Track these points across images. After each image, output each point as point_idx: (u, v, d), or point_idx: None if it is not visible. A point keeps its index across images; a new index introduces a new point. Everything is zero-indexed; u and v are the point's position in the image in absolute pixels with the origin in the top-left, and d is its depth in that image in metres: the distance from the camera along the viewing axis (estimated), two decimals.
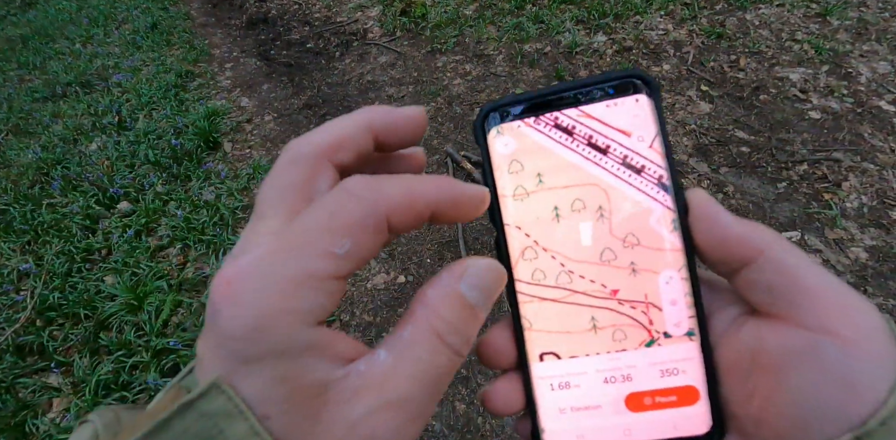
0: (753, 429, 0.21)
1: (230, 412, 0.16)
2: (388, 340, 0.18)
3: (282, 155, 0.20)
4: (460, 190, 0.20)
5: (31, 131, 3.26)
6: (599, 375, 0.23)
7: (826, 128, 2.23)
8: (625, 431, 0.23)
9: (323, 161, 0.20)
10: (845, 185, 2.02)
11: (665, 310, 0.22)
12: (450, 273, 0.20)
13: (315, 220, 0.17)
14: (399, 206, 0.18)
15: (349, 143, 0.20)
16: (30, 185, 2.77)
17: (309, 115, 2.93)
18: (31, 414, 1.79)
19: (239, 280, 0.16)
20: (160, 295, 2.05)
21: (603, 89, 0.23)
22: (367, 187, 0.18)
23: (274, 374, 0.16)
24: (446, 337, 0.18)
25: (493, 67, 2.88)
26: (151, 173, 2.64)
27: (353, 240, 0.17)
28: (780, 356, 0.20)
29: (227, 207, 2.36)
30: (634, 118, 0.23)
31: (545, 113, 0.24)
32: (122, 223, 2.40)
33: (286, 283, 0.16)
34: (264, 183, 0.20)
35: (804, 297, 0.20)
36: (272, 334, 0.16)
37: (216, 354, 0.16)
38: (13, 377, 1.89)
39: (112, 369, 1.82)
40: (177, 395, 0.17)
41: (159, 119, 3.07)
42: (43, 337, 1.98)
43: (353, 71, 3.18)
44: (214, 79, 3.48)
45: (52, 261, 2.24)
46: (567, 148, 0.23)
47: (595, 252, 0.23)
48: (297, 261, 0.16)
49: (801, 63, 2.55)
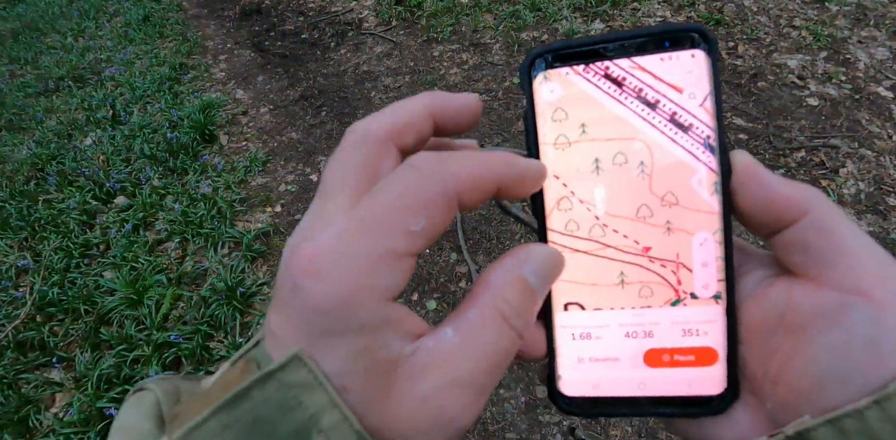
0: (770, 389, 0.21)
1: (310, 384, 0.16)
2: (453, 319, 0.19)
3: (347, 136, 0.20)
4: (524, 165, 0.20)
5: (25, 127, 3.23)
6: (621, 329, 0.23)
7: (824, 114, 2.23)
8: (639, 385, 0.23)
9: (388, 143, 0.20)
10: (843, 171, 2.02)
11: (695, 272, 0.22)
12: (513, 258, 0.20)
13: (390, 197, 0.17)
14: (468, 182, 0.18)
15: (412, 126, 0.21)
16: (25, 181, 2.75)
17: (305, 106, 2.91)
18: (34, 409, 1.80)
19: (321, 256, 0.16)
20: (160, 289, 2.05)
21: (659, 41, 0.22)
22: (437, 164, 0.18)
23: (354, 348, 0.16)
24: (511, 319, 0.19)
25: (490, 56, 2.86)
26: (148, 167, 2.63)
27: (428, 218, 0.17)
28: (809, 315, 0.20)
29: (225, 200, 2.35)
30: (688, 74, 0.22)
31: (595, 62, 0.23)
32: (119, 218, 2.39)
33: (367, 260, 0.16)
34: (329, 163, 0.20)
35: (842, 258, 0.19)
36: (356, 309, 0.16)
37: (296, 328, 0.17)
38: (15, 373, 1.89)
39: (114, 363, 1.83)
40: (246, 367, 0.17)
41: (154, 112, 3.05)
42: (43, 332, 1.98)
43: (348, 61, 3.15)
44: (209, 71, 3.45)
45: (51, 257, 2.24)
46: (615, 99, 0.23)
47: (632, 208, 0.23)
48: (377, 239, 0.17)
49: (799, 49, 2.53)
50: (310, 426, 0.16)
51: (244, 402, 0.16)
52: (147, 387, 0.21)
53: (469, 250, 2.02)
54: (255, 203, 2.40)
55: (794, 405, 0.20)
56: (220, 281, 2.00)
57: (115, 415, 0.20)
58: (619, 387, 0.23)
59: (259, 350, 0.18)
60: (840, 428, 0.18)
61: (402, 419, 0.17)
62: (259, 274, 2.11)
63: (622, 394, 0.23)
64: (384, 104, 2.73)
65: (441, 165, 0.18)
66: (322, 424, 0.16)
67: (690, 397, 0.22)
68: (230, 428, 0.16)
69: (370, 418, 0.17)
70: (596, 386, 0.23)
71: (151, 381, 0.21)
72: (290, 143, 2.70)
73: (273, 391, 0.16)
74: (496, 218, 2.14)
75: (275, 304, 0.18)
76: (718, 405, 0.22)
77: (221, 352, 1.84)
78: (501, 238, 2.06)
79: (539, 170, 0.21)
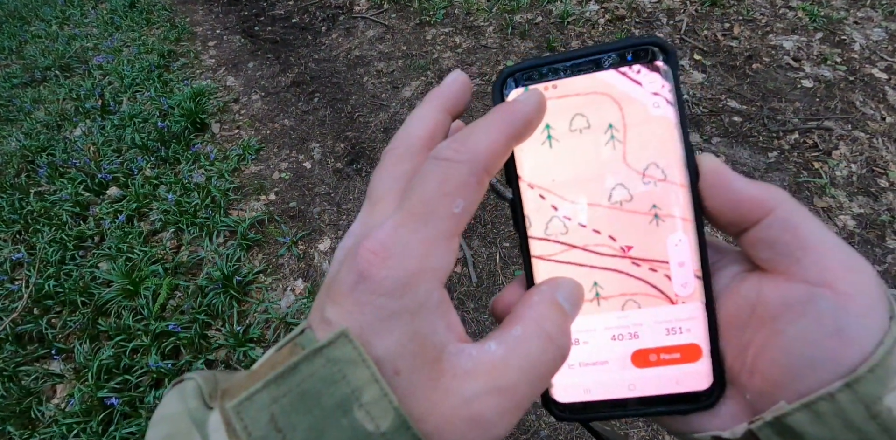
0: (747, 380, 0.22)
1: (354, 359, 0.17)
2: (496, 335, 0.20)
3: (388, 153, 0.23)
4: (522, 109, 0.21)
5: (13, 118, 3.18)
6: (608, 332, 0.24)
7: (818, 96, 2.22)
8: (630, 386, 0.23)
9: (425, 152, 0.22)
10: (835, 153, 2.02)
11: (674, 271, 0.23)
12: (548, 286, 0.22)
13: (429, 189, 0.19)
14: (489, 155, 0.20)
15: (438, 129, 0.23)
16: (16, 173, 2.72)
17: (297, 92, 2.87)
18: (36, 400, 1.81)
19: (383, 246, 0.18)
20: (156, 279, 2.04)
21: (621, 56, 0.23)
22: (457, 150, 0.19)
23: (408, 329, 0.18)
24: (555, 337, 0.20)
25: (484, 39, 2.82)
26: (139, 157, 2.60)
27: (464, 198, 0.19)
28: (778, 307, 0.21)
29: (219, 189, 2.34)
30: (651, 84, 0.23)
31: (563, 78, 0.23)
32: (112, 209, 2.37)
33: (424, 244, 0.18)
34: (375, 176, 0.22)
35: (806, 253, 0.20)
36: (415, 289, 0.18)
37: (356, 314, 0.18)
38: (15, 365, 1.90)
39: (113, 354, 1.83)
40: (293, 350, 0.18)
41: (144, 101, 3.00)
42: (41, 325, 1.98)
43: (340, 46, 3.11)
44: (198, 58, 3.39)
45: (45, 250, 2.22)
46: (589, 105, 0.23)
47: (602, 189, 0.23)
48: (428, 225, 0.18)
49: (794, 31, 2.51)
50: (352, 400, 0.17)
51: (293, 376, 0.17)
52: (185, 378, 0.22)
53: (463, 235, 2.02)
54: (249, 191, 2.39)
55: (770, 393, 0.21)
56: (215, 270, 2.00)
57: (157, 408, 0.21)
58: (610, 390, 0.23)
59: (304, 336, 0.19)
60: (815, 411, 0.19)
61: (443, 414, 0.18)
62: (255, 262, 2.11)
63: (614, 397, 0.24)
64: (376, 90, 2.71)
65: (461, 150, 0.19)
66: (363, 399, 0.17)
67: (680, 394, 0.23)
68: (278, 400, 0.17)
69: (414, 405, 0.18)
70: (587, 390, 0.24)
71: (191, 372, 0.22)
72: (282, 131, 2.67)
73: (320, 366, 0.17)
74: (490, 203, 2.14)
75: (333, 296, 0.19)
76: (707, 400, 0.22)
77: (220, 341, 1.85)
78: (496, 223, 2.06)
79: (537, 103, 0.21)
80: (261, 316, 1.92)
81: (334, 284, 0.19)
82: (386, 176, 0.22)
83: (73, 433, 1.67)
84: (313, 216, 2.24)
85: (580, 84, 0.23)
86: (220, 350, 1.86)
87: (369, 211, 0.21)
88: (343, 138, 2.53)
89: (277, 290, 2.02)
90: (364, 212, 0.22)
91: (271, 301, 1.96)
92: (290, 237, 2.12)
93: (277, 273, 2.07)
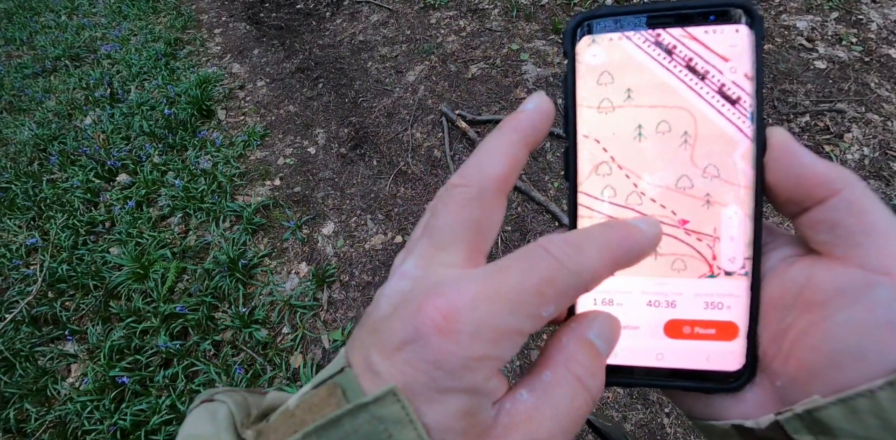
0: (781, 366, 0.21)
1: (401, 419, 0.16)
2: (526, 382, 0.19)
3: (457, 189, 0.21)
4: (642, 242, 0.20)
5: (25, 108, 3.23)
6: (644, 297, 0.23)
7: (831, 78, 2.16)
8: (657, 355, 0.23)
9: (499, 195, 0.21)
10: (847, 136, 1.97)
11: (724, 246, 0.22)
12: (579, 323, 0.20)
13: (529, 282, 0.17)
14: (599, 274, 0.18)
15: (517, 168, 0.21)
16: (28, 162, 2.77)
17: (302, 78, 2.87)
18: (52, 379, 1.87)
19: (456, 317, 0.17)
20: (165, 263, 2.08)
21: (704, 14, 0.22)
22: (574, 257, 0.18)
23: (460, 408, 0.17)
24: (585, 380, 0.19)
25: (489, 22, 2.79)
26: (147, 144, 2.63)
27: (557, 306, 0.18)
28: (829, 291, 0.20)
29: (225, 175, 2.36)
30: (731, 48, 0.22)
31: (642, 29, 0.23)
32: (122, 195, 2.41)
33: (498, 333, 0.17)
34: (440, 211, 0.20)
35: (869, 238, 0.19)
36: (475, 374, 0.17)
37: (409, 375, 0.17)
38: (31, 346, 1.96)
39: (124, 335, 1.88)
40: (332, 392, 0.18)
41: (151, 89, 3.03)
42: (56, 307, 2.04)
43: (344, 31, 3.09)
44: (204, 45, 3.40)
45: (58, 235, 2.28)
46: (663, 67, 0.23)
47: (672, 178, 0.23)
48: (511, 317, 0.17)
49: (809, 10, 2.44)
50: None
51: (335, 430, 0.16)
52: (217, 399, 0.21)
53: None
54: (255, 177, 2.41)
55: (804, 382, 0.20)
56: (222, 254, 2.03)
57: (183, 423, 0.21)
58: (637, 357, 0.23)
59: (344, 376, 0.18)
60: (852, 407, 0.18)
61: None
62: (260, 246, 2.14)
63: (639, 364, 0.23)
64: (380, 75, 2.70)
65: (578, 260, 0.18)
66: None
67: (707, 372, 0.22)
68: None
69: None
70: (614, 354, 0.23)
71: (220, 393, 0.22)
72: (287, 117, 2.68)
73: (364, 422, 0.16)
74: (515, 199, 2.13)
75: (382, 346, 0.18)
76: (735, 382, 0.22)
77: (226, 322, 1.89)
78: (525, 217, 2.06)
79: (654, 239, 0.20)
80: (266, 298, 1.95)
81: (384, 330, 0.18)
82: (454, 218, 0.20)
83: (87, 410, 1.72)
84: (317, 201, 2.26)
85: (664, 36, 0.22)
86: (226, 331, 1.90)
87: (431, 255, 0.20)
88: (347, 123, 2.53)
89: (282, 274, 2.05)
90: (423, 253, 0.20)
91: (276, 284, 1.99)
92: (295, 221, 2.14)
93: (282, 256, 2.10)
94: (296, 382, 1.72)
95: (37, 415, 1.78)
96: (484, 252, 0.21)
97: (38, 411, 1.79)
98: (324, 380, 0.19)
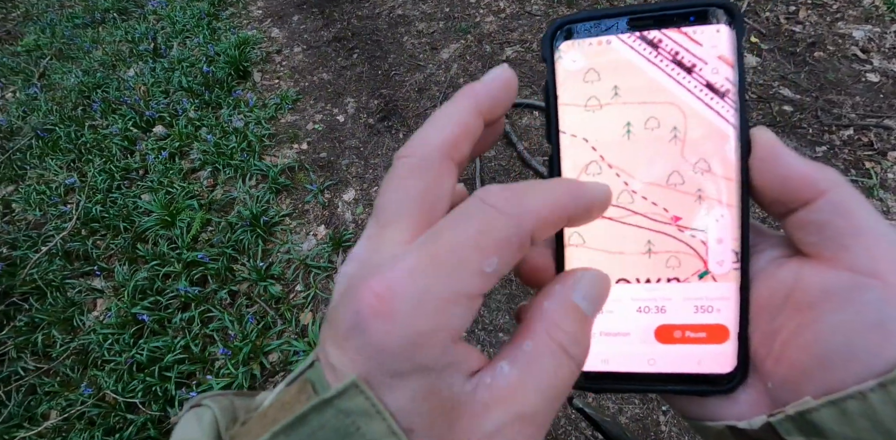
0: (772, 367, 0.21)
1: (368, 411, 0.16)
2: (507, 353, 0.18)
3: (400, 160, 0.19)
4: (591, 194, 0.19)
5: (73, 56, 3.35)
6: (634, 304, 0.23)
7: (882, 92, 2.08)
8: (649, 361, 0.23)
9: (445, 162, 0.19)
10: (891, 154, 1.91)
11: (711, 248, 0.22)
12: (562, 284, 0.19)
13: (464, 236, 0.16)
14: (542, 222, 0.17)
15: (467, 136, 0.20)
16: (73, 107, 2.89)
17: (337, 48, 2.91)
18: (78, 311, 2.00)
19: (391, 295, 0.16)
20: (191, 213, 2.19)
21: (684, 15, 0.22)
22: (511, 203, 0.17)
23: (419, 389, 0.16)
24: (569, 348, 0.18)
25: (529, 6, 2.78)
26: (185, 99, 2.73)
27: (500, 258, 0.16)
28: (818, 294, 0.20)
29: (255, 135, 2.44)
30: (713, 49, 0.22)
31: (623, 32, 0.23)
32: (157, 146, 2.52)
33: (441, 301, 0.16)
34: (384, 187, 0.19)
35: (857, 240, 0.19)
36: (424, 351, 0.16)
37: (360, 363, 0.16)
38: (62, 278, 2.10)
39: (147, 276, 2.00)
40: (303, 388, 0.17)
41: (192, 47, 3.11)
42: (87, 245, 2.16)
43: (384, 4, 3.11)
44: (247, 8, 3.46)
45: (95, 178, 2.40)
46: (650, 62, 0.23)
47: (663, 174, 0.22)
48: (450, 280, 0.16)
49: (868, 20, 2.35)
50: None
51: (302, 427, 0.16)
52: (204, 404, 0.21)
53: None
54: (283, 139, 2.49)
55: (795, 383, 0.20)
56: (246, 209, 2.12)
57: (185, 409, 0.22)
58: (628, 363, 0.23)
59: (314, 370, 0.18)
60: (842, 409, 0.18)
61: None
62: (282, 206, 2.23)
63: (632, 370, 0.23)
64: (415, 50, 2.73)
65: (517, 204, 0.17)
66: None
67: (699, 375, 0.22)
68: None
69: None
70: (605, 361, 0.23)
71: (208, 398, 0.22)
72: (320, 84, 2.74)
73: (331, 417, 0.16)
74: (515, 170, 2.17)
75: (333, 336, 0.17)
76: (728, 384, 0.22)
77: (244, 274, 1.98)
78: None
79: (605, 197, 0.19)
80: (283, 256, 2.04)
81: (333, 319, 0.17)
82: (397, 191, 0.19)
83: (108, 342, 1.85)
84: (341, 167, 2.32)
85: (638, 41, 0.22)
86: (243, 283, 2.00)
87: (377, 234, 0.18)
88: (377, 95, 2.58)
89: (301, 234, 2.13)
90: (370, 232, 0.19)
91: (294, 243, 2.08)
92: (318, 185, 2.22)
93: (302, 218, 2.18)
94: (304, 338, 1.81)
95: (62, 342, 1.91)
96: (434, 223, 0.18)
97: (63, 338, 1.92)
98: (296, 376, 0.18)
